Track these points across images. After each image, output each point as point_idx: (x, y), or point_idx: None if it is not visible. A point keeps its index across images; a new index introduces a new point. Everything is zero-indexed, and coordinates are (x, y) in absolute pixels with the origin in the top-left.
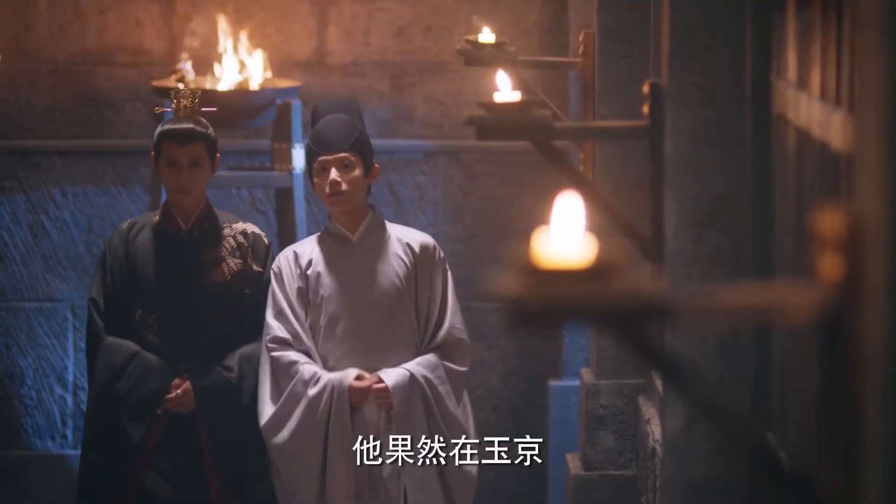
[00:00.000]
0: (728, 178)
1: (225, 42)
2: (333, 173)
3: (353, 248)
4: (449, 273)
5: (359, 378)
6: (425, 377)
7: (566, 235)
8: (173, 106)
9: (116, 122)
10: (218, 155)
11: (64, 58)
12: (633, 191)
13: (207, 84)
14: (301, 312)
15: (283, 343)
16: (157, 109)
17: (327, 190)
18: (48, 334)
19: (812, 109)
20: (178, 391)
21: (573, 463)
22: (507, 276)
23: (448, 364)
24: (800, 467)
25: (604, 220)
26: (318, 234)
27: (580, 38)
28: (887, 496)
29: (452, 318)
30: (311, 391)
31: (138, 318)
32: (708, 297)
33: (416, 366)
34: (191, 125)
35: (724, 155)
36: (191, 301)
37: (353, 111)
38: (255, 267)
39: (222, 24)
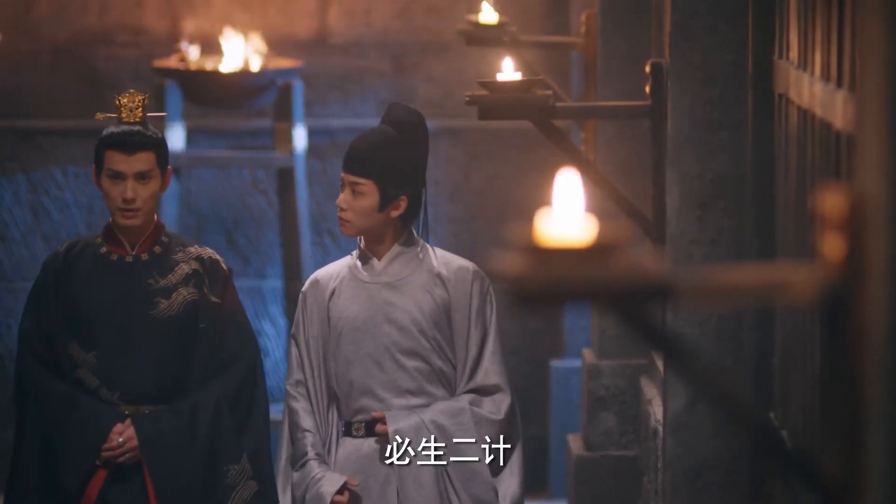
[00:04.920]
0: (730, 158)
1: (226, 22)
2: (341, 196)
3: (375, 278)
4: (493, 307)
5: (346, 485)
6: (438, 424)
7: (567, 215)
8: (117, 110)
9: None
10: (170, 168)
11: (65, 38)
12: (634, 171)
13: (208, 65)
14: (317, 351)
15: (297, 382)
16: (100, 116)
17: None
18: None
19: (814, 89)
20: (120, 438)
21: (575, 443)
22: (508, 257)
23: (477, 410)
24: (802, 447)
25: (606, 200)
26: (354, 252)
27: (582, 18)
28: (889, 475)
29: (490, 358)
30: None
31: (75, 355)
32: (709, 278)
33: (433, 410)
34: (139, 130)
35: (725, 135)
36: (135, 337)
37: (406, 129)
38: (212, 298)
39: (223, 3)
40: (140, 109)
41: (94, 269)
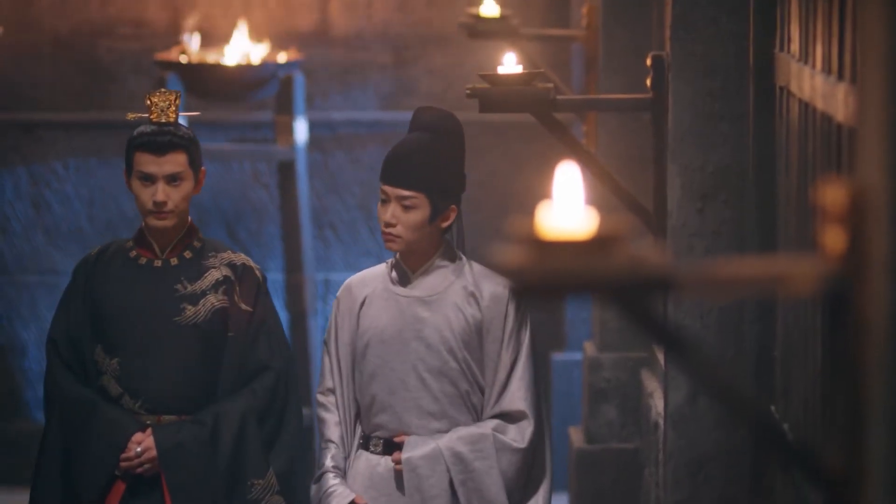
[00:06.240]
0: (731, 151)
1: (227, 15)
2: (389, 211)
3: (408, 291)
4: (528, 330)
5: (355, 502)
6: (455, 452)
7: (568, 208)
8: (148, 110)
9: (119, 94)
10: (203, 168)
11: (66, 30)
12: (636, 163)
13: (210, 57)
14: (346, 359)
15: (328, 390)
16: (131, 116)
17: (382, 226)
18: (50, 307)
19: (815, 82)
20: (139, 448)
21: (576, 436)
22: (509, 249)
23: (500, 437)
24: (803, 440)
25: (607, 193)
26: (389, 260)
27: (583, 11)
28: (890, 468)
29: (518, 383)
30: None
31: (100, 361)
32: (711, 270)
33: (451, 437)
34: (170, 130)
35: (727, 127)
36: (159, 343)
37: (446, 134)
38: (242, 305)
39: None
40: (172, 109)
41: (123, 272)
